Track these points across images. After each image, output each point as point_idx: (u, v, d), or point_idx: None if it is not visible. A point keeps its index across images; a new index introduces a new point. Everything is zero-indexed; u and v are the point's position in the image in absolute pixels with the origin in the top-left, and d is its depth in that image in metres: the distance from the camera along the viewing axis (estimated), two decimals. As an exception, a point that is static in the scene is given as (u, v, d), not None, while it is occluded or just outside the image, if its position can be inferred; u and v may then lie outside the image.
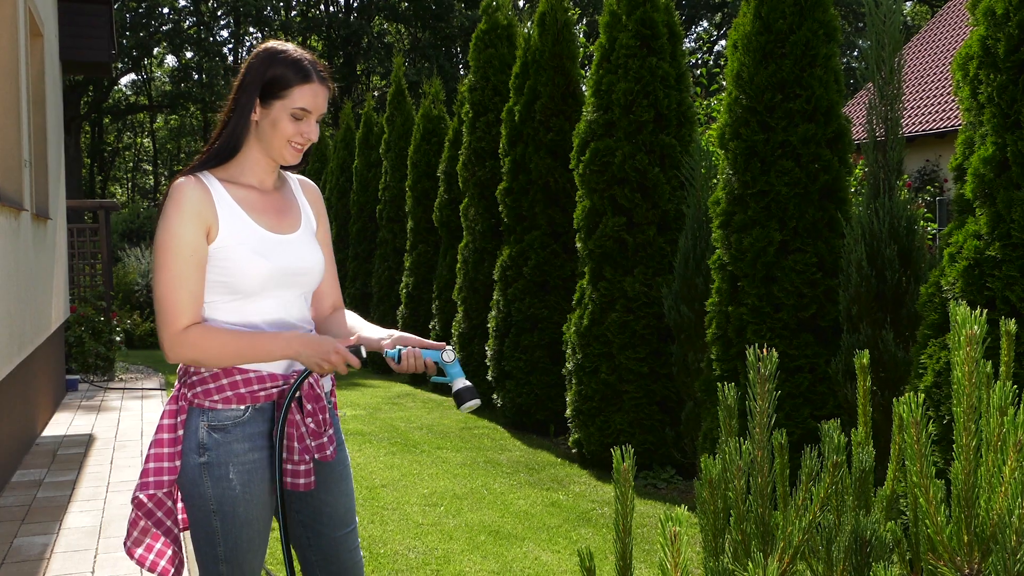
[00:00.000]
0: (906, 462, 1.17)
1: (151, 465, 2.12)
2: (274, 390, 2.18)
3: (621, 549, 1.27)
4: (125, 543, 2.21)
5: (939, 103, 17.25)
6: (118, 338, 11.14)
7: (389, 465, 6.47)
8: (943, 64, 18.11)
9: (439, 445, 7.21)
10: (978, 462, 1.12)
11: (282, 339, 2.12)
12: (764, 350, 1.25)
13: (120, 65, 32.50)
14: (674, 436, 6.14)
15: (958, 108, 3.82)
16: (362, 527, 4.98)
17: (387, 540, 4.77)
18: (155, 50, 35.82)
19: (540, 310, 7.66)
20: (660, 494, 5.80)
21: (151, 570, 2.22)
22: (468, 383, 2.19)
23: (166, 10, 33.33)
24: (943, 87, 17.47)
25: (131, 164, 44.74)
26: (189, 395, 2.14)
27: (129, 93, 40.96)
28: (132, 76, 39.45)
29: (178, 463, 2.13)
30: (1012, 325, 1.59)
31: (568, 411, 6.67)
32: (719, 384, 1.26)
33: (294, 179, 2.39)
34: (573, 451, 6.75)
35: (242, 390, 2.15)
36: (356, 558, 2.40)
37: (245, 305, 2.17)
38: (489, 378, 8.10)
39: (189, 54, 35.69)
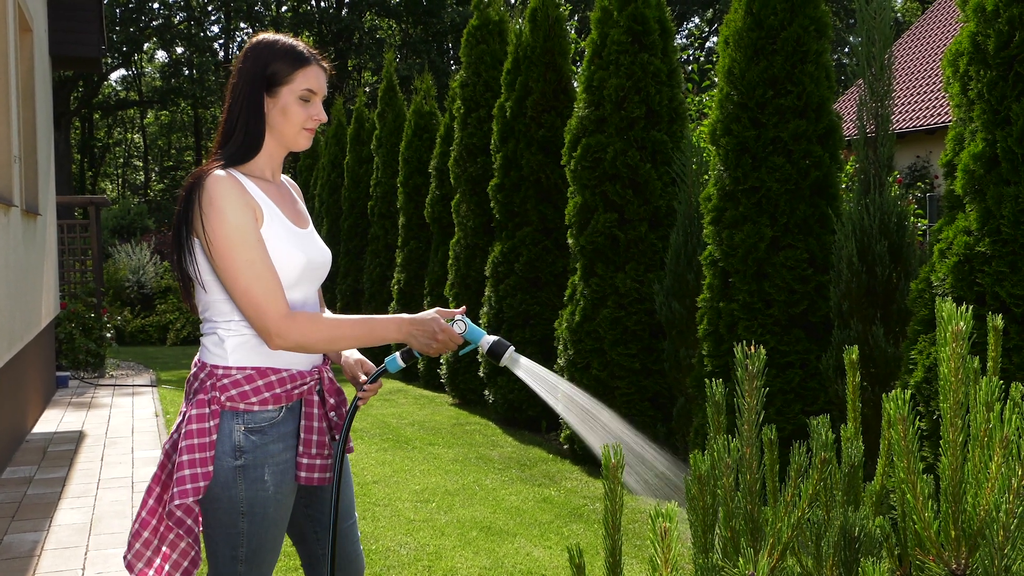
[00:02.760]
0: (894, 458, 1.18)
1: (186, 472, 2.03)
2: (304, 387, 2.17)
3: (611, 545, 1.27)
4: (126, 556, 2.15)
5: (930, 99, 17.30)
6: (109, 335, 11.11)
7: (381, 461, 6.47)
8: (933, 60, 18.15)
9: (431, 441, 7.21)
10: (965, 458, 1.13)
11: (393, 322, 2.10)
12: (752, 347, 1.25)
13: (110, 60, 32.38)
14: (666, 432, 6.15)
15: (948, 104, 3.83)
16: (354, 523, 4.97)
17: (379, 536, 4.77)
18: (145, 45, 35.69)
19: (532, 306, 7.67)
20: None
21: None
22: (493, 338, 2.16)
23: (156, 5, 33.21)
24: (933, 83, 17.52)
25: (121, 160, 44.56)
26: (223, 398, 2.08)
27: (119, 89, 40.80)
28: (122, 71, 39.35)
29: (211, 468, 2.06)
30: (1000, 321, 1.60)
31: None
32: (708, 380, 1.27)
33: (286, 179, 2.39)
34: (565, 447, 6.75)
35: (277, 390, 2.12)
36: (359, 550, 2.42)
37: None
38: (481, 374, 8.10)
39: (180, 49, 35.59)
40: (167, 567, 2.16)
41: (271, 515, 2.14)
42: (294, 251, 2.13)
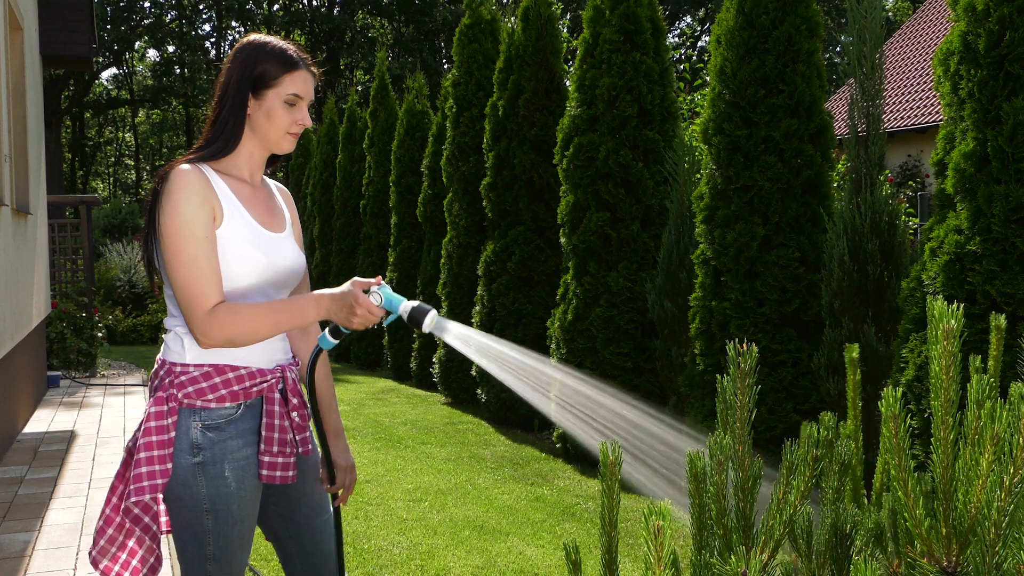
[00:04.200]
0: (886, 455, 1.18)
1: (143, 469, 2.03)
2: (264, 385, 2.16)
3: (607, 542, 1.27)
4: (91, 552, 2.15)
5: (921, 98, 17.35)
6: (100, 334, 11.07)
7: (373, 461, 6.46)
8: (924, 60, 18.20)
9: (423, 441, 7.20)
10: (956, 455, 1.13)
11: (311, 300, 2.07)
12: (744, 345, 1.25)
13: (101, 59, 32.28)
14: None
15: (939, 103, 3.84)
16: (346, 522, 4.97)
17: (371, 535, 4.77)
18: (136, 44, 35.58)
19: (524, 305, 7.67)
20: (643, 488, 5.82)
21: None
22: (412, 303, 2.07)
23: (147, 4, 33.12)
24: (925, 82, 17.57)
25: (113, 159, 44.43)
26: (179, 395, 2.08)
27: (110, 87, 40.68)
28: (113, 70, 39.25)
29: (170, 465, 2.06)
30: (1003, 320, 1.60)
31: (552, 405, 6.67)
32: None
33: (271, 183, 2.38)
34: (557, 446, 6.76)
35: (235, 387, 2.11)
36: (333, 548, 2.39)
37: (234, 299, 2.11)
38: (473, 373, 8.10)
39: (171, 48, 35.48)
40: (133, 562, 2.17)
41: (235, 512, 2.12)
42: (254, 252, 2.12)
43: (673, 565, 1.26)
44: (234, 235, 2.10)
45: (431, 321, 2.05)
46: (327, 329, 2.13)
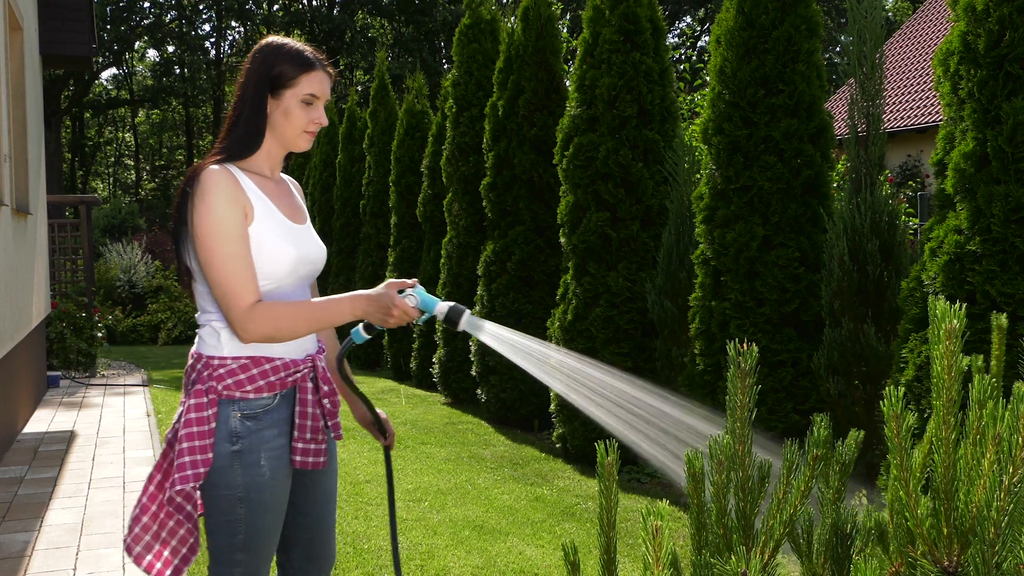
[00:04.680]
0: (887, 455, 1.18)
1: (186, 459, 2.12)
2: (297, 375, 2.24)
3: (605, 543, 1.27)
4: (126, 539, 2.23)
5: (920, 98, 17.35)
6: (100, 334, 11.07)
7: (373, 461, 6.46)
8: (924, 59, 18.20)
9: (423, 440, 7.20)
10: (957, 455, 1.13)
11: (347, 301, 2.16)
12: (744, 345, 1.25)
13: (101, 59, 32.27)
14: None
15: (939, 103, 3.84)
16: (346, 522, 4.97)
17: (371, 535, 4.77)
18: (136, 44, 35.57)
19: (524, 305, 7.67)
20: (644, 488, 5.82)
21: (148, 571, 2.23)
22: (448, 304, 2.16)
23: (147, 4, 33.10)
24: (924, 82, 17.57)
25: (112, 159, 44.40)
26: (219, 387, 2.16)
27: (110, 87, 40.65)
28: (113, 70, 39.23)
29: (210, 455, 2.14)
30: (1004, 320, 1.60)
31: (552, 406, 6.68)
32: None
33: (286, 177, 2.47)
34: (557, 446, 6.76)
35: (271, 378, 2.19)
36: (333, 536, 2.49)
37: (267, 292, 2.20)
38: (473, 373, 8.09)
39: (171, 48, 35.46)
40: (166, 552, 2.23)
41: (267, 500, 2.19)
42: (285, 245, 2.20)
43: (673, 565, 1.26)
44: (266, 230, 2.18)
45: (466, 320, 2.13)
46: (361, 324, 2.23)
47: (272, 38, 2.29)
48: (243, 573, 2.21)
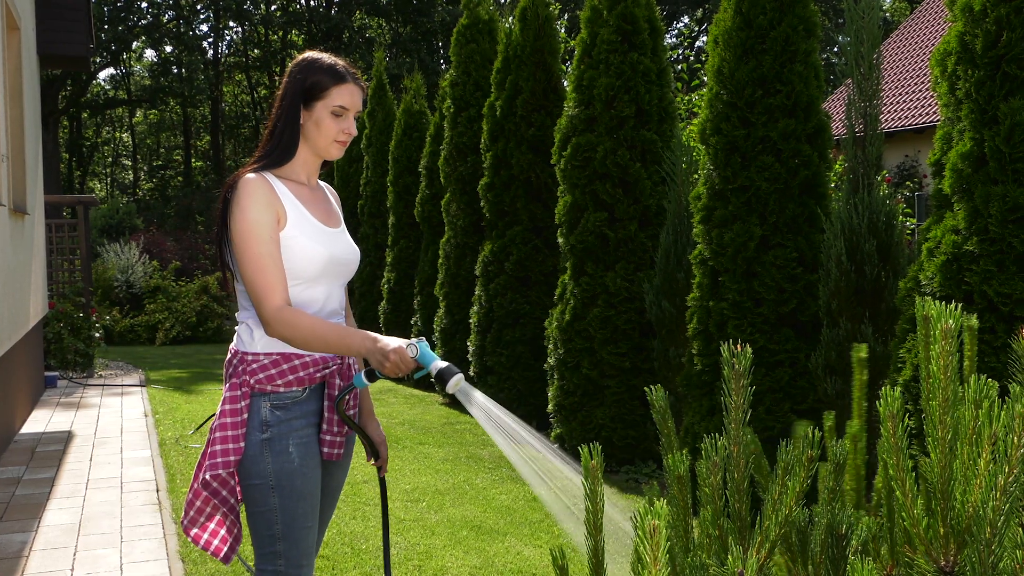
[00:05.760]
0: (884, 455, 1.18)
1: (218, 447, 2.28)
2: (327, 371, 2.38)
3: (592, 546, 1.27)
4: (183, 521, 2.38)
5: (918, 99, 17.36)
6: (97, 334, 11.06)
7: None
8: (922, 60, 18.21)
9: (421, 441, 7.20)
10: (954, 455, 1.13)
11: (359, 336, 2.27)
12: (740, 345, 1.25)
13: (98, 59, 32.23)
14: (656, 431, 6.15)
15: (937, 104, 3.84)
16: (344, 523, 4.97)
17: (369, 536, 4.77)
18: (134, 44, 35.52)
19: (522, 305, 7.67)
20: (642, 489, 5.82)
21: (205, 548, 2.40)
22: (443, 364, 2.21)
23: (144, 4, 33.04)
24: (922, 83, 17.58)
25: (110, 159, 44.33)
26: (252, 381, 2.31)
27: (108, 88, 40.59)
28: (111, 70, 39.16)
29: (242, 444, 2.29)
30: (974, 320, 1.61)
31: (550, 406, 6.68)
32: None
33: (324, 185, 2.62)
34: (555, 446, 6.75)
35: (301, 373, 2.33)
36: (325, 528, 2.61)
37: (302, 290, 2.35)
38: (471, 373, 8.09)
39: (168, 48, 35.41)
40: (222, 532, 2.42)
41: (299, 487, 2.32)
42: (317, 247, 2.36)
43: (671, 565, 1.26)
44: (298, 233, 2.34)
45: (456, 383, 2.19)
46: (363, 371, 2.33)
47: (308, 53, 2.46)
48: (285, 565, 2.33)
